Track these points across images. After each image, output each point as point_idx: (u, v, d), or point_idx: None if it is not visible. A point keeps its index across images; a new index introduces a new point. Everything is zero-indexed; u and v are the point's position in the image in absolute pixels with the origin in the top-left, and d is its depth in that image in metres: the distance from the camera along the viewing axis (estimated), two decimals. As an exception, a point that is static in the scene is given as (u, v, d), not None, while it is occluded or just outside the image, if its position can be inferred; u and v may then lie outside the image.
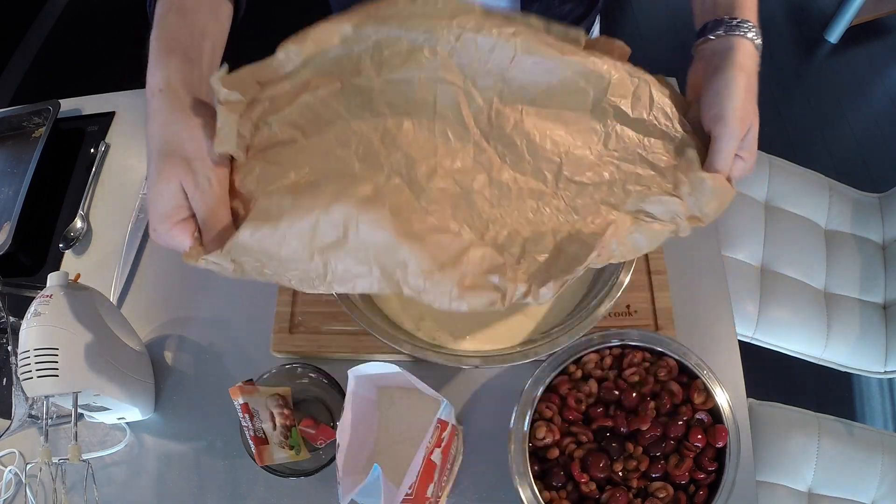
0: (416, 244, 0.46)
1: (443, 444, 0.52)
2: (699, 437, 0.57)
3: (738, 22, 0.53)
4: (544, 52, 0.53)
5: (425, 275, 0.46)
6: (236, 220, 0.48)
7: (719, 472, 0.57)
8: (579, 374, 0.62)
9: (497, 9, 0.54)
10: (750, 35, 0.53)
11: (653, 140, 0.54)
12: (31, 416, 0.66)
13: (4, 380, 0.74)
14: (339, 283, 0.47)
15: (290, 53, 0.51)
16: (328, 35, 0.52)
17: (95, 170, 0.87)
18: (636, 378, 0.61)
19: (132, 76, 0.50)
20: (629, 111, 0.53)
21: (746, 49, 0.53)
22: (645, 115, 0.54)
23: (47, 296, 0.60)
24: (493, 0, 0.74)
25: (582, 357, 0.62)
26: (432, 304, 0.46)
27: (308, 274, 0.47)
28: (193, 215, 0.47)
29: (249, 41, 0.58)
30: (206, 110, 0.49)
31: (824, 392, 1.44)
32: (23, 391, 0.58)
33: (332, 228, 0.45)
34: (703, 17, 0.56)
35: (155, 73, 0.48)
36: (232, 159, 0.49)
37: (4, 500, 0.67)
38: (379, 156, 0.50)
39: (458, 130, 0.52)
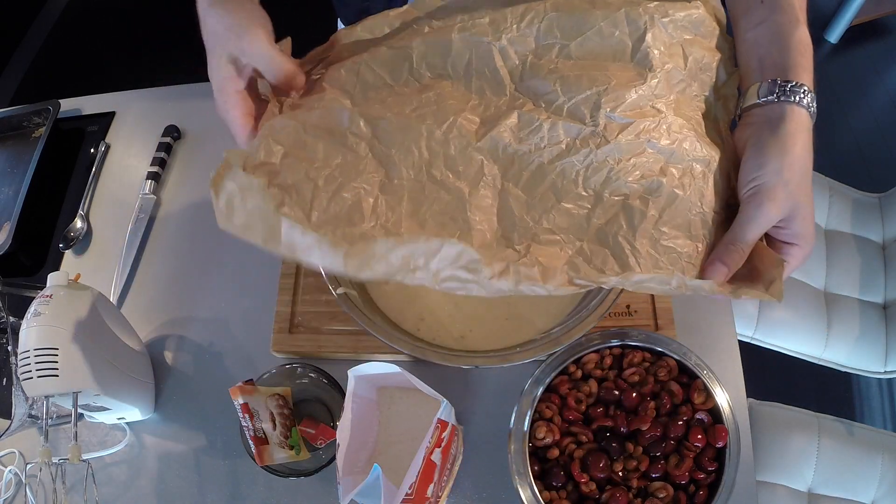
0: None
1: (443, 444, 0.52)
2: (699, 437, 0.57)
3: (793, 86, 0.47)
4: (574, 5, 0.52)
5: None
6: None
7: (719, 472, 0.57)
8: (579, 374, 0.62)
9: None
10: (805, 101, 0.47)
11: (688, 92, 0.52)
12: (31, 416, 0.66)
13: (4, 380, 0.74)
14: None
15: (342, 36, 0.57)
16: (380, 21, 0.57)
17: (95, 170, 0.87)
18: (636, 378, 0.61)
19: (132, 76, 0.51)
20: (669, 61, 0.51)
21: (800, 118, 0.47)
22: (682, 72, 0.52)
23: (47, 296, 0.60)
24: None
25: (582, 357, 0.62)
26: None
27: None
28: (247, 89, 0.50)
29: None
30: (251, 5, 0.50)
31: (824, 392, 1.44)
32: (23, 391, 0.58)
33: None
34: (751, 76, 0.51)
35: None
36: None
37: (4, 500, 0.67)
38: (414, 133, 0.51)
39: (493, 85, 0.52)
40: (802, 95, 0.47)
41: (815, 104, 0.48)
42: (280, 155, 0.49)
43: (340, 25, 0.94)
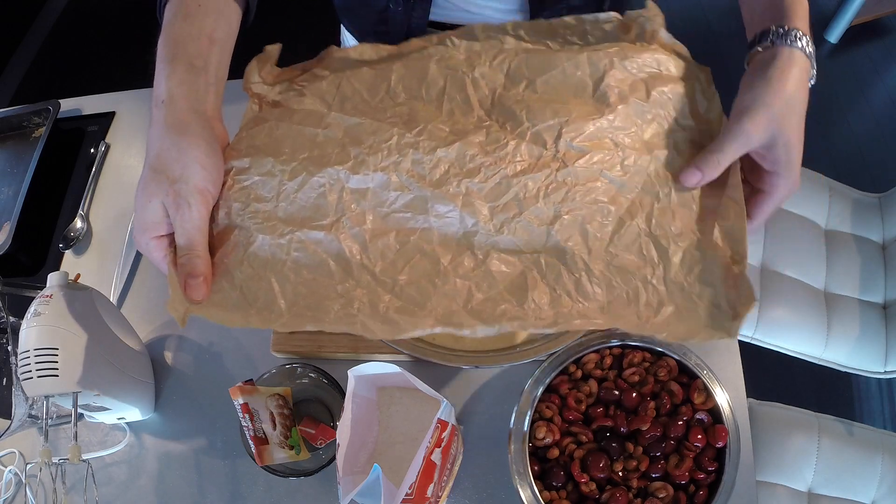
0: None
1: (443, 444, 0.52)
2: (699, 437, 0.57)
3: (784, 31, 0.50)
4: (540, 50, 0.57)
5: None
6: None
7: (719, 472, 0.57)
8: (579, 374, 0.62)
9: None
10: (799, 45, 0.50)
11: (650, 126, 0.54)
12: (31, 416, 0.66)
13: (4, 380, 0.74)
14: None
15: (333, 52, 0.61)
16: (370, 49, 0.61)
17: (95, 170, 0.87)
18: (636, 378, 0.61)
19: (132, 76, 0.51)
20: (629, 96, 0.54)
21: (791, 57, 0.50)
22: (644, 104, 0.54)
23: (47, 296, 0.60)
24: (505, 5, 0.74)
25: (582, 357, 0.62)
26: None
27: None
28: (171, 234, 0.48)
29: (256, 38, 0.60)
30: (199, 130, 0.48)
31: (824, 392, 1.44)
32: (23, 391, 0.58)
33: None
34: (752, 28, 0.54)
35: (160, 83, 0.49)
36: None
37: (4, 500, 0.67)
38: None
39: (463, 108, 0.55)
40: (794, 39, 0.50)
41: (810, 47, 0.51)
42: (248, 160, 0.53)
43: (345, 33, 0.94)
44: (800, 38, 0.50)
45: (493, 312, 0.48)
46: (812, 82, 0.52)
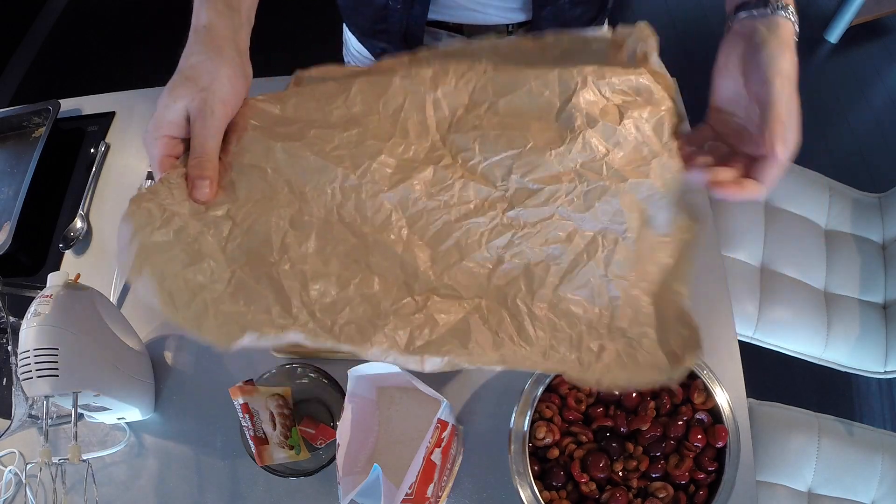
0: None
1: (443, 444, 0.52)
2: (699, 437, 0.57)
3: (784, 4, 0.51)
4: (511, 67, 0.54)
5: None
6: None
7: (719, 472, 0.57)
8: (579, 374, 0.62)
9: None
10: (793, 19, 0.51)
11: (622, 152, 0.51)
12: (31, 416, 0.66)
13: (4, 380, 0.74)
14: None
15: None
16: (337, 69, 0.58)
17: (95, 170, 0.87)
18: (636, 378, 0.61)
19: (132, 76, 0.51)
20: (598, 120, 0.51)
21: (790, 31, 0.50)
22: (615, 126, 0.51)
23: (47, 296, 0.60)
24: (506, 3, 0.74)
25: (582, 357, 0.62)
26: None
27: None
28: (183, 141, 0.50)
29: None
30: (233, 55, 0.51)
31: (824, 392, 1.44)
32: (23, 391, 0.58)
33: None
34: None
35: (199, 13, 0.52)
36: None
37: (4, 500, 0.67)
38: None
39: (419, 130, 0.53)
40: (791, 13, 0.50)
41: (794, 16, 0.50)
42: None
43: (347, 34, 0.94)
44: (793, 14, 0.51)
45: (437, 352, 0.47)
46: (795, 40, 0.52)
